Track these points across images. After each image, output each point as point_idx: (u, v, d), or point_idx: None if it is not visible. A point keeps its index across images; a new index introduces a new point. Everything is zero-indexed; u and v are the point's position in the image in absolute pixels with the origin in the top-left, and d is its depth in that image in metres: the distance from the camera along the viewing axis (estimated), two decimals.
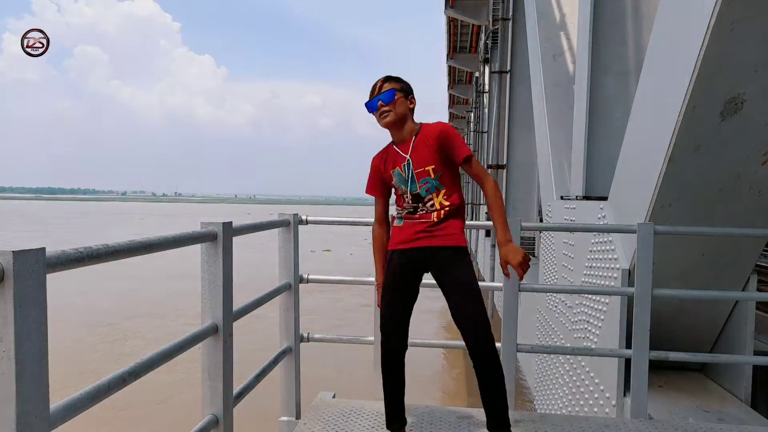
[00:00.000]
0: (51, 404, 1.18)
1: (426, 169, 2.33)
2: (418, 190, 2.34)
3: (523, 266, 2.18)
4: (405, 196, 2.39)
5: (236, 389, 2.25)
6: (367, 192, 2.53)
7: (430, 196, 2.33)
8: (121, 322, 15.64)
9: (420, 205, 2.35)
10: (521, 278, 2.41)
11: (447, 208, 2.32)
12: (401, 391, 2.47)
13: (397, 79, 2.42)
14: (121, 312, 16.74)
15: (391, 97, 2.35)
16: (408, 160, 2.36)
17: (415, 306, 2.45)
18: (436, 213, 2.32)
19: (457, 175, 2.40)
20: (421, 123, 2.42)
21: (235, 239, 2.15)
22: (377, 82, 2.42)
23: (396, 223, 2.44)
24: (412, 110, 2.42)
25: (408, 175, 2.35)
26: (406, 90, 2.41)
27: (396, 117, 2.36)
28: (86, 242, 1.42)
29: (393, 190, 2.47)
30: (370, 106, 2.40)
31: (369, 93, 2.44)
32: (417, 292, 2.44)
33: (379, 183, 2.49)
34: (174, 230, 1.93)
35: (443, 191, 2.33)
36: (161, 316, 16.14)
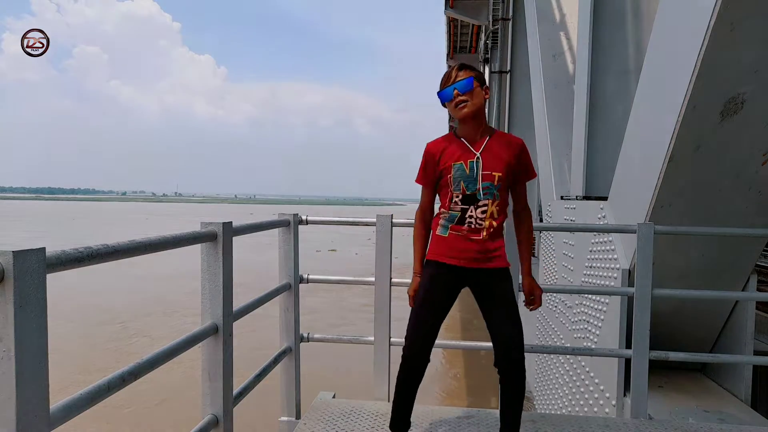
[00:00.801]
0: (51, 404, 1.18)
1: (493, 173, 2.21)
2: (477, 191, 2.21)
3: (537, 301, 2.43)
4: (456, 194, 2.24)
5: (236, 389, 2.25)
6: (417, 181, 2.38)
7: (485, 202, 2.20)
8: (132, 320, 15.82)
9: (471, 208, 2.21)
10: (537, 307, 2.45)
11: (496, 224, 2.23)
12: (413, 397, 2.42)
13: (473, 68, 2.29)
14: (133, 310, 16.91)
15: (469, 86, 2.22)
16: (478, 157, 2.22)
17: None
18: (485, 230, 2.21)
19: (508, 194, 2.34)
20: (497, 129, 2.35)
21: (240, 239, 2.15)
22: (451, 70, 2.28)
23: (439, 231, 2.29)
24: (485, 102, 2.31)
25: (473, 173, 2.21)
26: (482, 80, 2.28)
27: (474, 108, 2.23)
28: (102, 242, 1.43)
29: (439, 185, 2.31)
30: (444, 96, 2.27)
31: (440, 82, 2.30)
32: (452, 305, 2.37)
33: (432, 173, 2.31)
34: (181, 230, 1.94)
35: (497, 202, 2.22)
36: (170, 314, 16.25)
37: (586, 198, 4.74)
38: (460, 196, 2.22)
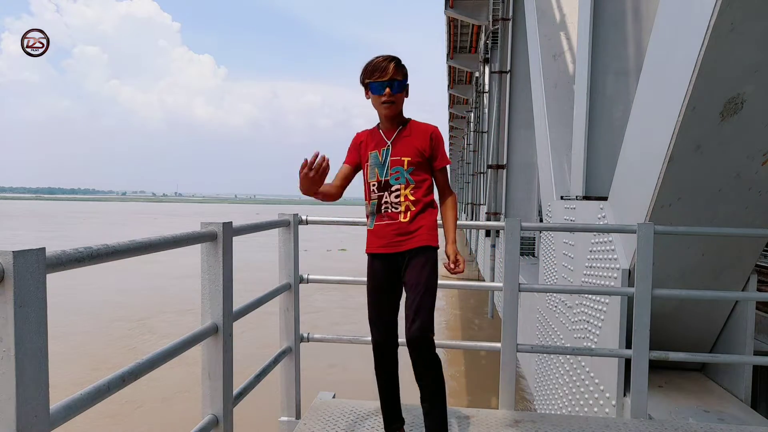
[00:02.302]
0: (51, 404, 1.18)
1: (402, 158, 2.32)
2: (389, 177, 2.33)
3: (460, 266, 2.33)
4: (372, 183, 2.37)
5: (236, 389, 2.25)
6: (345, 162, 2.49)
7: (397, 187, 2.32)
8: (149, 317, 16.13)
9: (386, 194, 2.33)
10: (455, 272, 2.36)
11: (414, 207, 2.31)
12: (396, 390, 2.48)
13: (404, 67, 2.36)
14: (150, 308, 17.21)
15: (401, 88, 2.33)
16: (389, 145, 2.36)
17: None
18: (403, 213, 2.31)
19: (430, 179, 2.40)
20: (410, 118, 2.43)
21: (255, 238, 2.16)
22: (387, 62, 2.31)
23: (368, 225, 2.41)
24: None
25: (384, 160, 2.34)
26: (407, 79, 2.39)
27: (397, 110, 2.35)
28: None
29: (363, 176, 2.45)
30: (375, 88, 2.31)
31: (373, 68, 2.32)
32: (401, 290, 2.44)
33: (355, 155, 2.45)
34: (192, 230, 1.95)
35: (412, 186, 2.32)
36: (184, 313, 16.41)
37: (586, 198, 4.73)
38: (375, 184, 2.34)
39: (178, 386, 9.88)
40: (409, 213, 2.31)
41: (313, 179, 2.16)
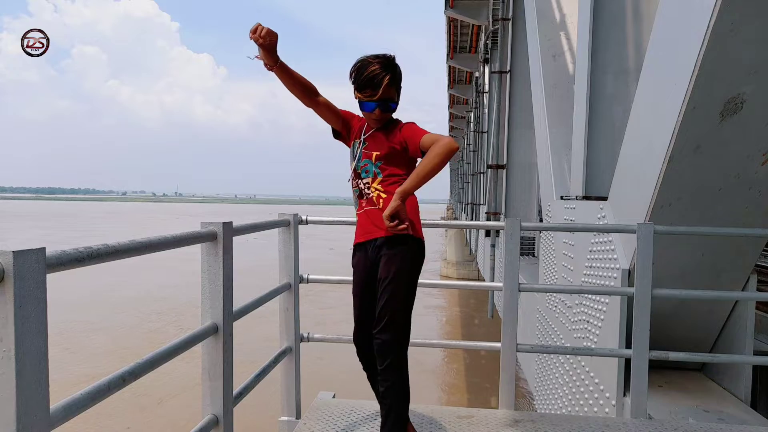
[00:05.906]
0: (51, 404, 1.18)
1: (370, 152, 2.34)
2: (359, 170, 2.37)
3: (393, 224, 2.10)
4: (352, 170, 2.41)
5: (236, 389, 2.25)
6: (341, 111, 2.46)
7: (367, 180, 2.35)
8: (186, 311, 16.62)
9: (360, 183, 2.37)
10: (394, 230, 2.12)
11: (385, 195, 2.29)
12: None
13: (398, 76, 2.29)
14: (192, 301, 17.80)
15: (390, 110, 2.32)
16: (362, 139, 2.38)
17: (415, 302, 2.44)
18: (376, 199, 2.32)
19: (404, 174, 2.29)
20: (397, 119, 2.39)
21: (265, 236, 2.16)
22: (381, 74, 2.22)
23: (355, 209, 2.45)
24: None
25: (357, 152, 2.38)
26: (399, 84, 2.34)
27: (382, 124, 2.35)
28: None
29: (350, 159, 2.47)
30: (365, 106, 2.30)
31: (365, 81, 2.23)
32: None
33: (342, 120, 2.44)
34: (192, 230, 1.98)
35: (380, 179, 2.32)
36: None
37: (586, 198, 4.73)
38: (352, 172, 2.42)
39: (190, 381, 10.03)
40: (381, 201, 2.29)
41: (262, 45, 2.19)
